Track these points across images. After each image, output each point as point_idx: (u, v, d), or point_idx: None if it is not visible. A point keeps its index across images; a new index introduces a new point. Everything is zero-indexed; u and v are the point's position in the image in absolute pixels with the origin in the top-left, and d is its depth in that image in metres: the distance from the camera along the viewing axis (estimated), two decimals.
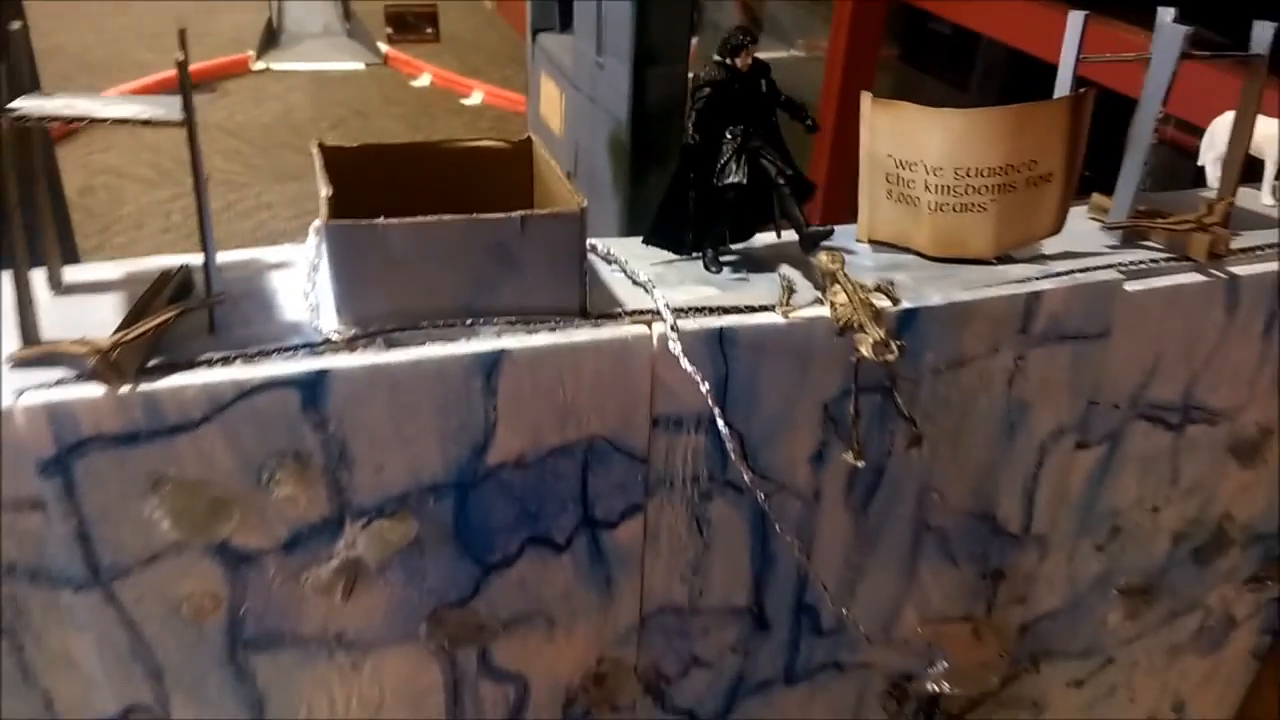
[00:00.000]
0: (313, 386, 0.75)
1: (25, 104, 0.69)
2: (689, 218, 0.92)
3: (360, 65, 5.19)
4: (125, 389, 0.71)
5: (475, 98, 5.19)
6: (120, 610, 0.79)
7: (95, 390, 0.71)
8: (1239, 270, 1.01)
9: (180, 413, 0.73)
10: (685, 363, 0.82)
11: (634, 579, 0.95)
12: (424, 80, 5.40)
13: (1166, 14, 1.03)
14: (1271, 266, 1.03)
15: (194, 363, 0.74)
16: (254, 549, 0.80)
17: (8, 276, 0.75)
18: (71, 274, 0.84)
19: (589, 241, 0.92)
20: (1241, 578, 1.28)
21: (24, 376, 0.71)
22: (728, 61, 0.88)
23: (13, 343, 0.73)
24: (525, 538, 0.89)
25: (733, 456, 0.88)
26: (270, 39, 5.68)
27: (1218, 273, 1.00)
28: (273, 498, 0.78)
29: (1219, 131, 1.20)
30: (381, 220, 0.75)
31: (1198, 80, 1.18)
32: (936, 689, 1.13)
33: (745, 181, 0.88)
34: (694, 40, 4.58)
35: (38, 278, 0.80)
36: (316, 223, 0.88)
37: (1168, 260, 1.01)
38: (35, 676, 0.81)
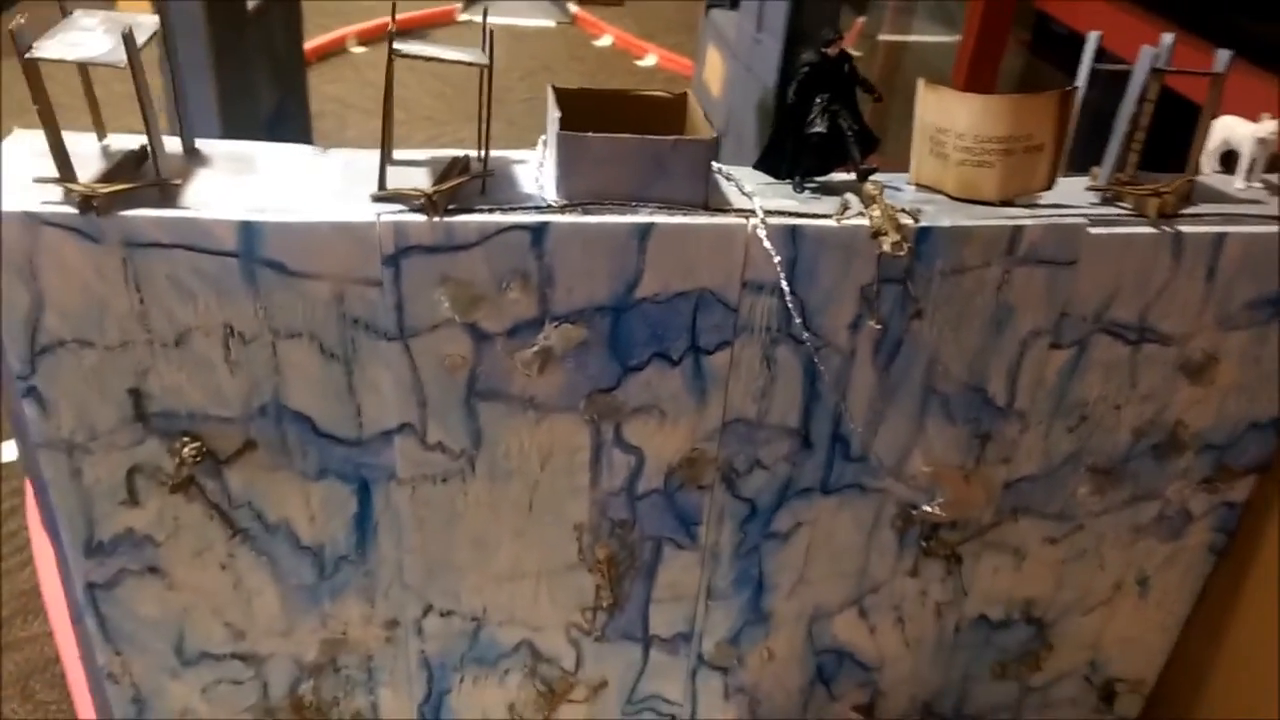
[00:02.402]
0: (539, 232, 1.25)
1: (403, 45, 1.20)
2: (786, 154, 1.38)
3: (551, 23, 5.76)
4: (436, 219, 1.22)
5: (649, 60, 5.69)
6: (410, 358, 1.32)
7: (420, 218, 1.22)
8: (1185, 229, 1.39)
9: (463, 238, 1.24)
10: (767, 243, 1.28)
11: (720, 393, 1.42)
12: (606, 40, 5.93)
13: (1167, 38, 1.41)
14: (1213, 229, 1.40)
15: (473, 209, 1.25)
16: (491, 331, 1.31)
17: (371, 153, 1.27)
18: (398, 154, 1.36)
19: (717, 165, 1.39)
20: (1196, 479, 1.64)
21: (380, 207, 1.24)
22: (822, 50, 1.32)
23: (373, 188, 1.26)
24: (653, 352, 1.37)
25: (794, 316, 1.34)
26: None
27: (1166, 228, 1.38)
28: (506, 299, 1.29)
29: (1216, 131, 1.56)
30: (589, 134, 1.23)
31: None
32: (934, 515, 1.56)
33: (825, 131, 1.33)
34: (861, 19, 4.91)
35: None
36: (544, 136, 1.38)
37: (1130, 216, 1.39)
38: (354, 393, 1.34)
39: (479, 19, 1.35)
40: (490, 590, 1.56)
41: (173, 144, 1.32)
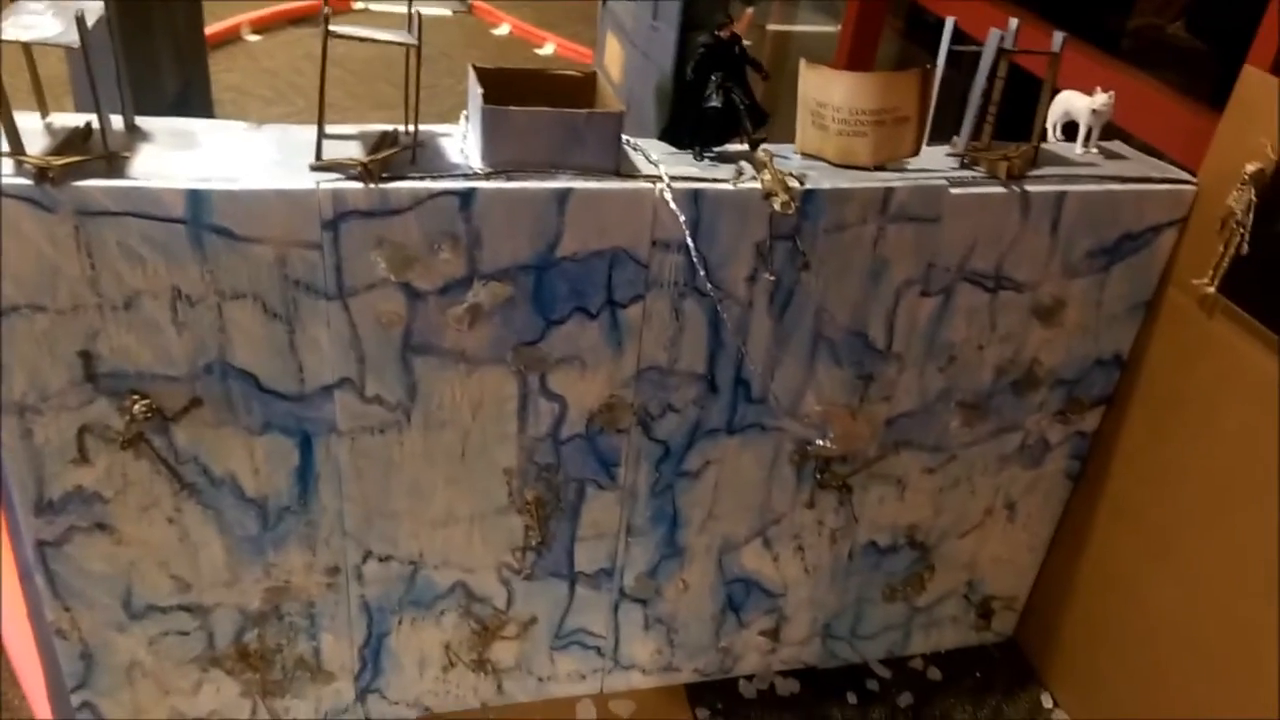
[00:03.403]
0: (467, 197, 1.38)
1: (338, 26, 1.31)
2: (686, 127, 1.53)
3: (448, 11, 5.81)
4: (372, 186, 1.34)
5: (548, 49, 5.80)
6: (349, 316, 1.43)
7: (356, 185, 1.34)
8: (1031, 188, 1.60)
9: (397, 203, 1.36)
10: (673, 205, 1.44)
11: (635, 343, 1.57)
12: (503, 29, 6.02)
13: (1013, 22, 1.61)
14: (1055, 188, 1.61)
15: (406, 176, 1.37)
16: (423, 289, 1.43)
17: (302, 128, 1.38)
18: (329, 130, 1.47)
19: (625, 137, 1.53)
20: (1051, 411, 1.87)
21: (319, 176, 1.35)
22: (715, 33, 1.48)
23: (310, 159, 1.37)
24: (573, 306, 1.51)
25: (698, 270, 1.50)
26: None
27: (1015, 188, 1.59)
28: (437, 259, 1.41)
29: (1058, 104, 1.78)
30: (512, 108, 1.37)
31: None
32: (826, 450, 1.75)
33: (720, 105, 1.49)
34: (750, 9, 5.13)
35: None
36: (465, 111, 1.51)
37: (985, 178, 1.60)
38: (296, 350, 1.45)
39: (375, 6, 1.45)
40: (426, 535, 1.69)
41: (115, 121, 1.40)
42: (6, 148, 1.25)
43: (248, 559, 1.63)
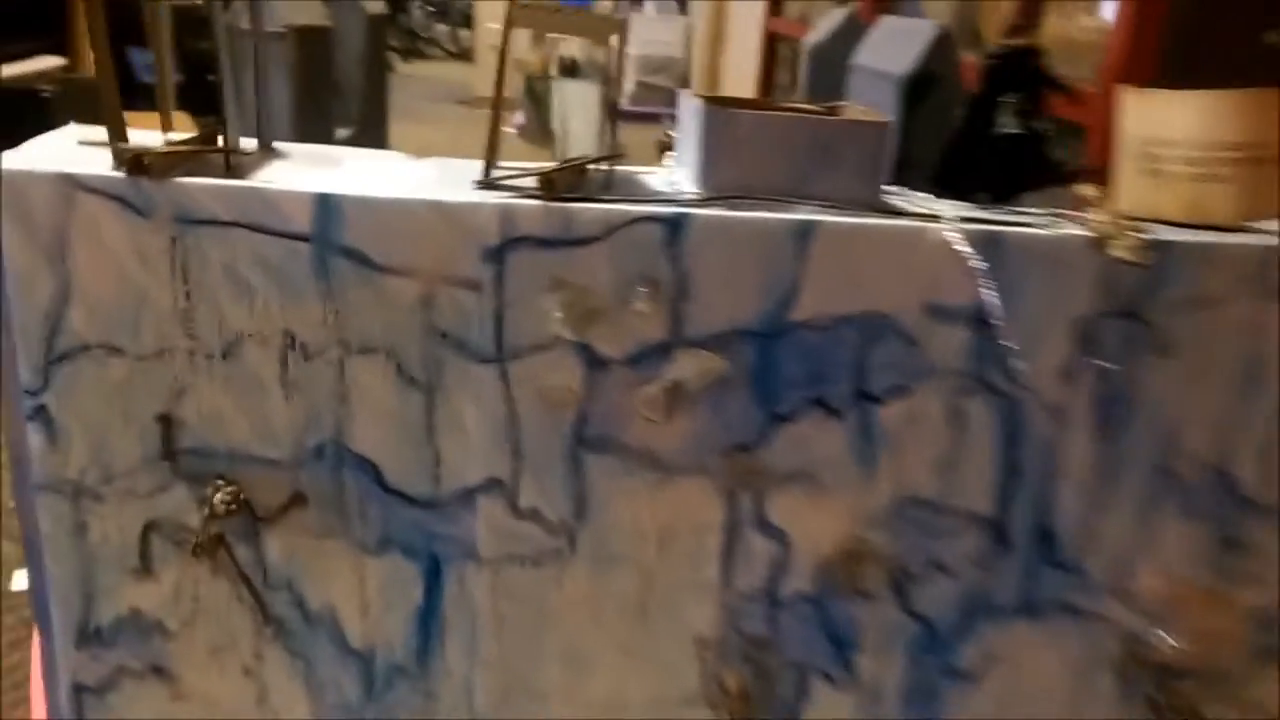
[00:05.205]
0: (675, 226, 1.01)
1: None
2: (967, 165, 1.14)
3: None
4: (552, 205, 1.00)
5: None
6: (507, 387, 1.05)
7: (532, 203, 1.00)
8: None
9: (583, 229, 1.01)
10: (964, 248, 1.02)
11: (894, 459, 1.11)
12: None
13: None
14: None
15: (597, 198, 1.02)
16: (608, 355, 1.05)
17: (471, 161, 1.08)
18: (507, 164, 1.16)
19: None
20: None
21: (484, 194, 1.02)
22: (1006, 43, 1.12)
23: (477, 176, 1.05)
24: (809, 397, 1.08)
25: (1003, 344, 1.06)
26: None
27: None
28: (630, 312, 1.03)
29: None
30: (742, 110, 1.02)
31: None
32: (1169, 651, 1.18)
33: (1018, 132, 1.10)
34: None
35: None
36: (672, 152, 1.19)
37: None
38: (434, 434, 1.07)
39: None
40: None
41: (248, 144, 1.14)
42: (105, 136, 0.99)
43: None
